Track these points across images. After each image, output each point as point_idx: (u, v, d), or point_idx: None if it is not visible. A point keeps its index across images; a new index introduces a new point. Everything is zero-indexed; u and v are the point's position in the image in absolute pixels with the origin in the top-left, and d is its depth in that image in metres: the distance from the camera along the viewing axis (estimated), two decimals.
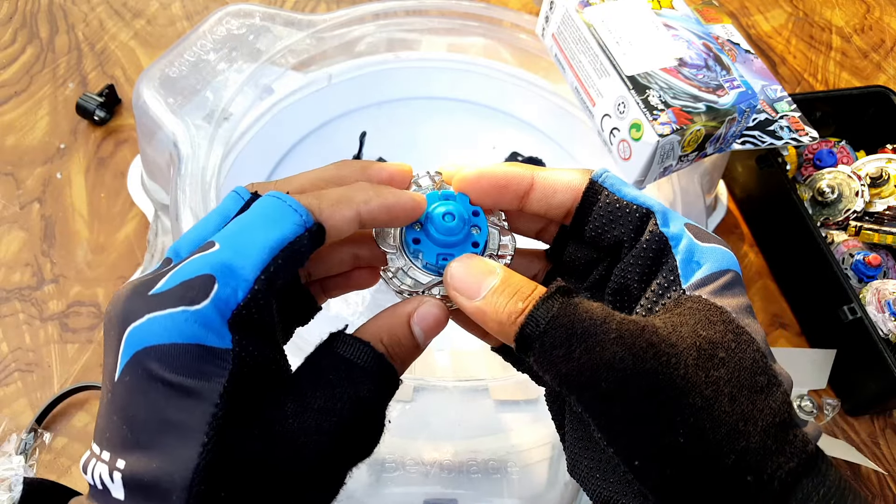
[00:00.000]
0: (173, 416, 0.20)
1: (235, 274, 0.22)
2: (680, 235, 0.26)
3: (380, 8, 0.63)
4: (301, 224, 0.24)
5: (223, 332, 0.21)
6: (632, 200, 0.26)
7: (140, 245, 0.64)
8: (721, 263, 0.25)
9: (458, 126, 0.66)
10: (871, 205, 0.65)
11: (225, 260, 0.22)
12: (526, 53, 0.66)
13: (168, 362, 0.21)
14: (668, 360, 0.22)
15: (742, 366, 0.22)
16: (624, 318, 0.23)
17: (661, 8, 0.50)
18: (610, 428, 0.22)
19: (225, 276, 0.22)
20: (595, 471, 0.25)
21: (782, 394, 0.22)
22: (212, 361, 0.21)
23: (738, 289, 0.25)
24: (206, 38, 0.57)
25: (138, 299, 0.22)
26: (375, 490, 0.43)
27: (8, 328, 0.58)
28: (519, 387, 0.45)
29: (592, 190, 0.27)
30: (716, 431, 0.21)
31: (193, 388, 0.20)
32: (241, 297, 0.22)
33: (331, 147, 0.63)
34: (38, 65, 0.76)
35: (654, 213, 0.26)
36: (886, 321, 0.57)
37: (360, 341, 0.25)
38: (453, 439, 0.44)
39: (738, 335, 0.23)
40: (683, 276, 0.25)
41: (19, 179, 0.68)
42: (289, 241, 0.23)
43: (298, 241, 0.23)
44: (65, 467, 0.52)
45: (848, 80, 0.85)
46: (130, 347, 0.21)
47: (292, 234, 0.23)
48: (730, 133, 0.47)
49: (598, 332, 0.22)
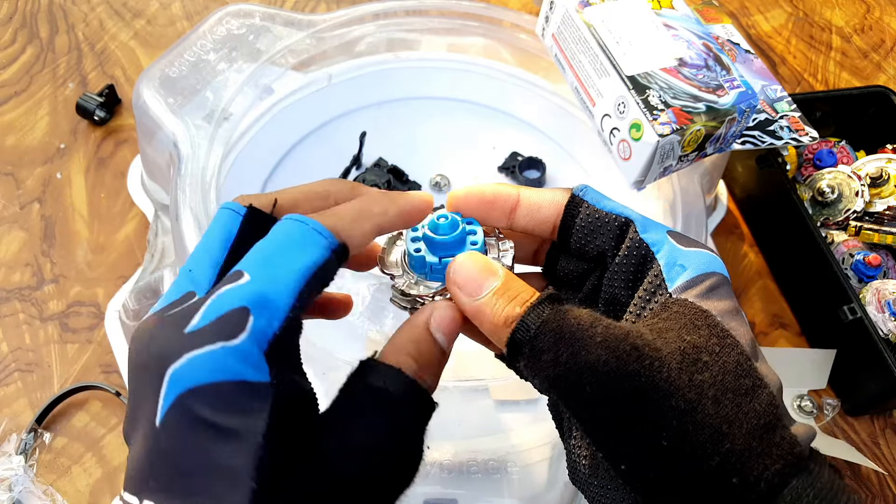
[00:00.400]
0: (220, 460, 0.20)
1: (270, 304, 0.21)
2: (661, 241, 0.26)
3: (380, 8, 0.63)
4: (327, 247, 0.24)
5: (261, 365, 0.21)
6: (610, 211, 0.27)
7: (140, 245, 0.64)
8: (705, 266, 0.25)
9: (458, 126, 0.66)
10: (871, 205, 0.65)
11: (258, 291, 0.21)
12: (526, 53, 0.66)
13: (212, 403, 0.20)
14: (651, 364, 0.22)
15: (726, 369, 0.23)
16: (610, 324, 0.23)
17: (661, 8, 0.50)
18: (596, 431, 0.23)
19: (259, 307, 0.21)
20: (593, 477, 0.25)
21: (767, 396, 0.23)
22: (253, 397, 0.20)
23: (723, 291, 0.25)
24: (206, 38, 0.57)
25: (174, 338, 0.21)
26: None
27: (8, 328, 0.59)
28: (519, 387, 0.45)
29: (573, 203, 0.28)
30: (699, 434, 0.21)
31: (238, 428, 0.20)
32: (276, 327, 0.21)
33: (331, 147, 0.63)
34: (38, 65, 0.76)
35: (634, 221, 0.27)
36: (886, 321, 0.57)
37: (391, 368, 0.24)
38: (453, 439, 0.44)
39: (723, 339, 0.23)
40: (668, 280, 0.25)
41: (19, 179, 0.68)
42: (319, 265, 0.23)
43: (327, 264, 0.24)
44: (65, 467, 0.52)
45: (848, 80, 0.85)
46: (173, 390, 0.20)
47: (321, 259, 0.23)
48: (730, 133, 0.47)
49: (584, 337, 0.22)
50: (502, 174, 0.63)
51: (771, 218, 0.69)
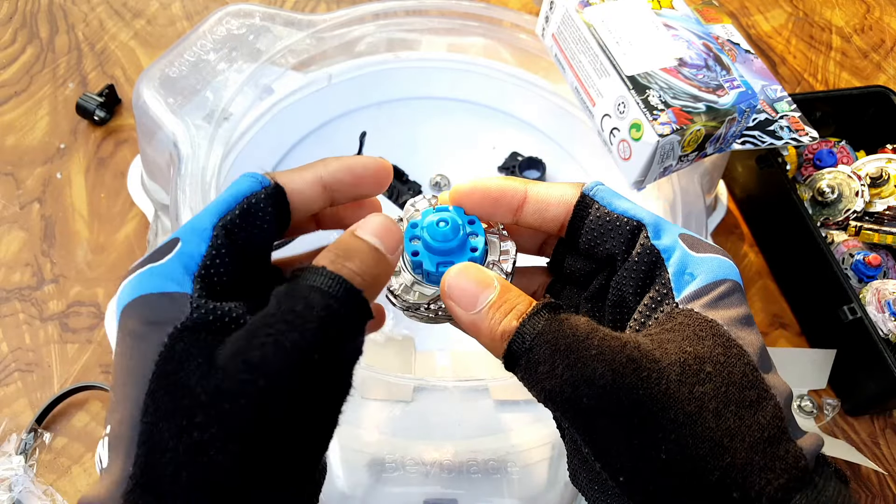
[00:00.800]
0: (132, 361, 0.21)
1: (195, 230, 0.23)
2: (672, 247, 0.25)
3: (380, 8, 0.63)
4: (256, 183, 0.25)
5: (184, 281, 0.22)
6: (622, 213, 0.26)
7: (140, 245, 0.64)
8: (716, 273, 0.24)
9: (458, 126, 0.66)
10: (871, 205, 0.65)
11: (188, 224, 0.23)
12: (526, 53, 0.66)
13: (139, 313, 0.22)
14: (648, 376, 0.22)
15: (730, 380, 0.22)
16: (607, 334, 0.23)
17: (661, 8, 0.50)
18: (594, 444, 0.22)
19: (187, 235, 0.23)
20: (594, 482, 0.25)
21: (773, 408, 0.22)
22: (171, 306, 0.21)
23: (734, 298, 0.24)
24: (206, 38, 0.57)
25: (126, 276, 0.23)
26: (375, 490, 0.43)
27: (8, 328, 0.59)
28: (519, 387, 0.45)
29: (583, 203, 0.27)
30: (699, 447, 0.21)
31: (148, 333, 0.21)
32: (203, 250, 0.23)
33: (331, 147, 0.63)
34: (38, 65, 0.76)
35: (646, 225, 0.26)
36: (886, 321, 0.57)
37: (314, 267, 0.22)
38: (453, 439, 0.44)
39: (728, 349, 0.23)
40: (676, 289, 0.25)
41: (19, 179, 0.68)
42: (243, 196, 0.24)
43: (254, 196, 0.24)
44: (65, 467, 0.52)
45: (848, 80, 0.85)
46: (118, 313, 0.22)
47: (247, 190, 0.24)
48: (730, 133, 0.47)
49: (580, 349, 0.22)
50: (502, 174, 0.63)
51: (771, 218, 0.69)
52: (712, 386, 0.22)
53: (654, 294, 0.25)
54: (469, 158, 0.64)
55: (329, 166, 0.27)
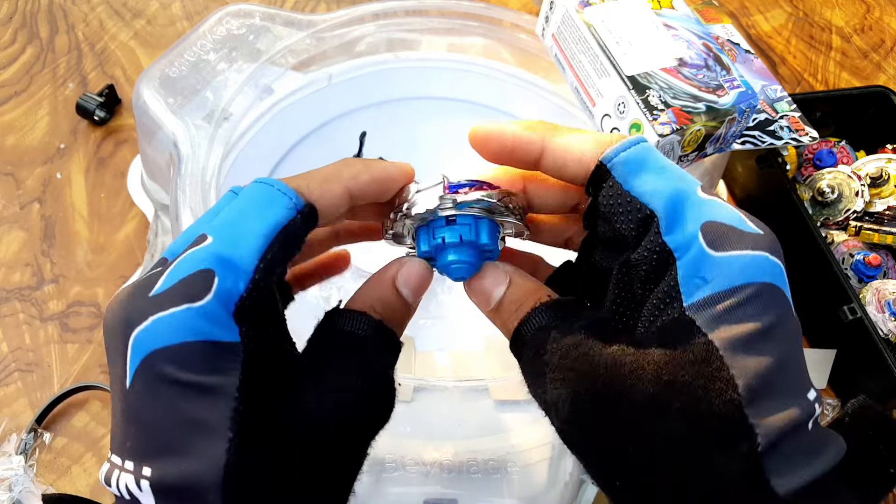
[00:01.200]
0: (195, 415, 0.20)
1: (234, 265, 0.21)
2: (688, 244, 0.22)
3: (380, 8, 0.63)
4: (292, 207, 0.23)
5: (230, 325, 0.21)
6: (638, 195, 0.23)
7: (140, 245, 0.64)
8: (735, 278, 0.21)
9: (458, 126, 0.66)
10: (871, 205, 0.65)
11: (220, 252, 0.21)
12: (526, 53, 0.66)
13: (180, 362, 0.20)
14: (618, 405, 0.21)
15: (699, 420, 0.20)
16: (591, 347, 0.22)
17: (661, 8, 0.50)
18: (572, 449, 0.23)
19: (223, 268, 0.21)
20: None
21: (750, 451, 0.19)
22: (224, 356, 0.21)
23: (751, 308, 0.21)
24: (206, 38, 0.57)
25: (139, 302, 0.21)
26: (375, 490, 0.43)
27: (8, 328, 0.59)
28: (519, 387, 0.45)
29: (598, 175, 0.24)
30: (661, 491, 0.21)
31: (210, 385, 0.20)
32: (242, 289, 0.21)
33: (331, 147, 0.63)
34: (38, 65, 0.76)
35: (658, 218, 0.22)
36: (886, 321, 0.57)
37: (356, 313, 0.25)
38: (453, 439, 0.44)
39: (710, 381, 0.20)
40: (685, 294, 0.21)
41: (19, 179, 0.68)
42: (282, 225, 0.23)
43: (292, 224, 0.23)
44: (65, 467, 0.52)
45: (848, 80, 0.85)
46: (138, 353, 0.20)
47: (285, 219, 0.23)
48: (730, 133, 0.47)
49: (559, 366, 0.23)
50: None
51: (771, 218, 0.68)
52: (678, 424, 0.20)
53: (661, 295, 0.22)
54: (469, 158, 0.64)
55: (359, 179, 0.25)
